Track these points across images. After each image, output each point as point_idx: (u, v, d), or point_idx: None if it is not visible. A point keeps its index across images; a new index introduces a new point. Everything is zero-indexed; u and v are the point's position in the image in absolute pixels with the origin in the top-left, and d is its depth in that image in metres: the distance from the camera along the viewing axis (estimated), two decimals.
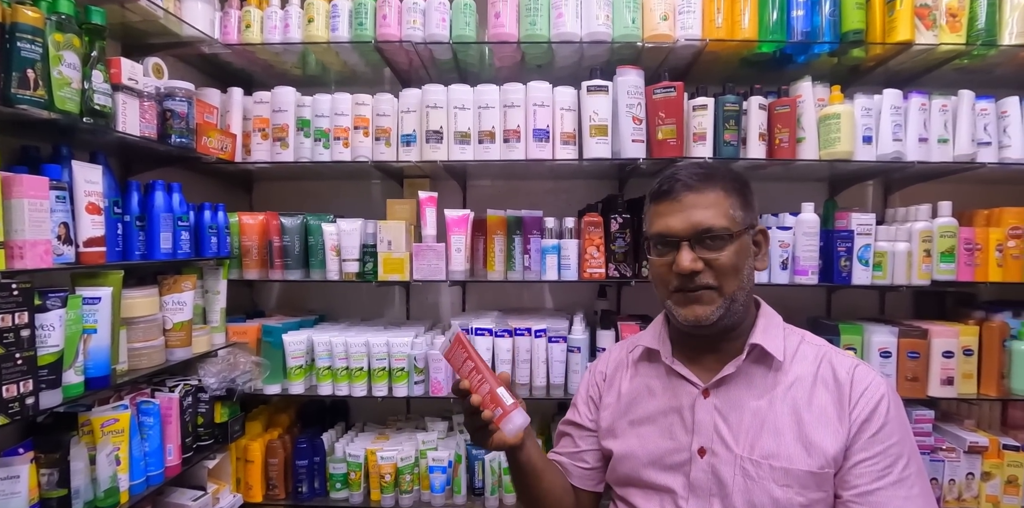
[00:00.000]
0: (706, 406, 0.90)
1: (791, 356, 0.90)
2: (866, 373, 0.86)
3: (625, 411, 0.98)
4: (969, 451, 1.63)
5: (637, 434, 0.95)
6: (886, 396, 0.83)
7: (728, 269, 0.87)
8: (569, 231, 1.64)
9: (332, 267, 1.64)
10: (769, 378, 0.88)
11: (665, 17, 1.60)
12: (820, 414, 0.84)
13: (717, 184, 0.89)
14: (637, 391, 0.98)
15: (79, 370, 1.12)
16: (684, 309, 0.89)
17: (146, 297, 1.33)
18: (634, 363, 1.01)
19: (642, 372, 0.99)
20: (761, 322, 0.92)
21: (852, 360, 0.89)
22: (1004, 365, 1.64)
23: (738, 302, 0.88)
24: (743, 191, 0.92)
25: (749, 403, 0.88)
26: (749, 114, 1.63)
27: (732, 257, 0.86)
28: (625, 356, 1.04)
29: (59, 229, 1.10)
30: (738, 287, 0.88)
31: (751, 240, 0.92)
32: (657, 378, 0.97)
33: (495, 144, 1.62)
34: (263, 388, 1.64)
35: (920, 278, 1.62)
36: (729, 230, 0.87)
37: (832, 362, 0.88)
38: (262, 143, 1.66)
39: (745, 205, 0.91)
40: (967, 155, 1.63)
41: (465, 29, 1.61)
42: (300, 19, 1.62)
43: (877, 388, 0.84)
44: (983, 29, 1.61)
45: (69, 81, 1.09)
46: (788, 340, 0.92)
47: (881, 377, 0.87)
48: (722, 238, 0.86)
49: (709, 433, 0.88)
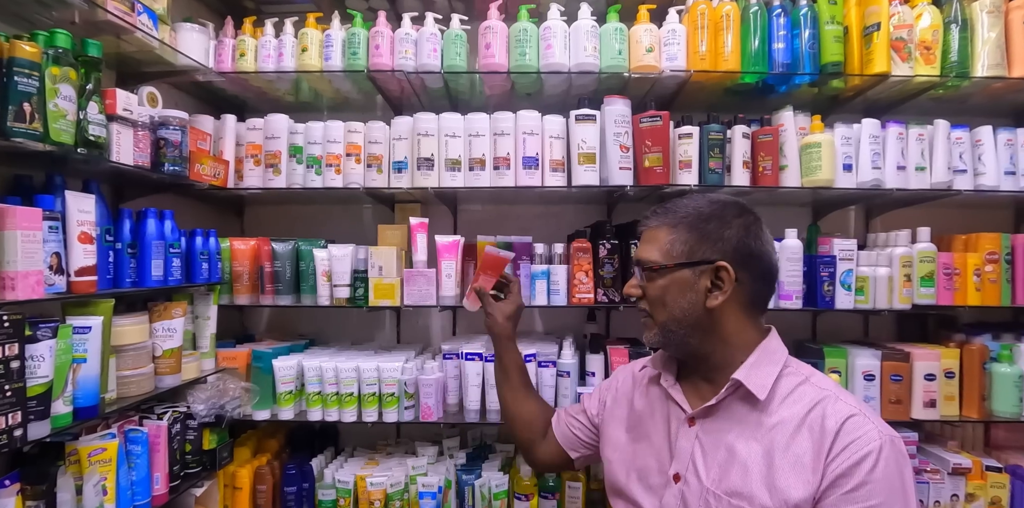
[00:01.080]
0: (689, 434, 0.92)
1: (782, 396, 0.87)
2: (860, 425, 0.79)
3: (634, 426, 1.03)
4: (953, 473, 1.65)
5: (634, 449, 1.01)
6: (874, 454, 0.76)
7: (654, 300, 0.94)
8: (558, 257, 1.67)
9: (323, 292, 1.65)
10: (752, 416, 0.87)
11: (651, 49, 1.64)
12: (794, 460, 0.80)
13: (667, 219, 0.94)
14: (642, 409, 1.03)
15: (68, 400, 1.12)
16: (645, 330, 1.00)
17: (136, 324, 1.33)
18: (646, 383, 1.06)
19: (650, 392, 1.04)
20: (753, 358, 0.90)
21: (850, 409, 0.82)
22: (985, 387, 1.67)
23: (675, 333, 0.92)
24: (700, 225, 0.91)
25: (727, 438, 0.87)
26: (733, 142, 1.67)
27: (658, 289, 0.93)
28: (639, 374, 1.10)
29: (51, 259, 1.11)
30: (668, 318, 0.92)
31: (701, 275, 0.90)
32: (659, 399, 1.01)
33: (485, 171, 1.65)
34: (252, 414, 1.63)
35: (901, 302, 1.65)
36: (657, 264, 0.92)
37: (826, 408, 0.82)
38: (255, 169, 1.68)
39: (697, 239, 0.90)
40: (944, 182, 1.68)
41: (456, 59, 1.65)
42: (294, 48, 1.65)
43: (866, 443, 0.77)
44: (956, 61, 1.67)
45: (64, 113, 1.11)
46: (785, 379, 0.88)
47: (878, 433, 0.78)
48: (651, 271, 0.93)
49: (686, 461, 0.90)
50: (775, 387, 0.87)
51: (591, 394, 1.20)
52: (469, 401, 1.64)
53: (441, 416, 1.65)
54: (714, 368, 0.93)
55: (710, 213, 0.92)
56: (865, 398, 1.65)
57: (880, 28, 1.64)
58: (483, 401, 1.66)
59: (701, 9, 1.65)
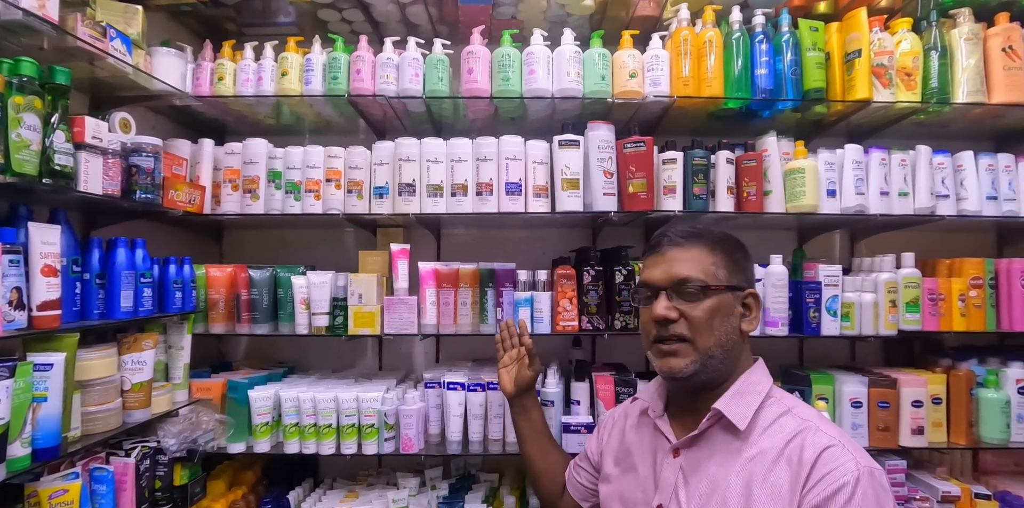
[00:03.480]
0: (673, 465, 0.92)
1: (764, 427, 0.87)
2: (836, 456, 0.79)
3: (622, 459, 1.04)
4: (942, 501, 1.63)
5: (621, 481, 1.02)
6: (849, 485, 0.76)
7: (701, 322, 0.88)
8: (541, 283, 1.64)
9: (301, 321, 1.61)
10: (734, 446, 0.87)
11: (634, 74, 1.64)
12: (772, 492, 0.80)
13: (701, 241, 0.94)
14: (631, 442, 1.04)
15: (26, 441, 1.07)
16: (660, 360, 0.93)
17: (103, 358, 1.28)
18: (637, 415, 1.07)
19: (641, 424, 1.05)
20: (735, 387, 0.91)
21: (829, 439, 0.82)
22: (972, 413, 1.66)
23: (716, 359, 0.89)
24: (731, 253, 0.95)
25: (709, 469, 0.87)
26: (717, 168, 1.67)
27: (707, 311, 0.89)
28: (631, 407, 1.12)
29: (11, 294, 1.06)
30: (714, 343, 0.89)
31: (737, 301, 0.93)
32: (648, 431, 1.02)
33: (468, 197, 1.63)
34: (227, 447, 1.58)
35: (887, 328, 1.64)
36: (705, 282, 0.90)
37: (805, 439, 0.83)
38: (232, 194, 1.65)
39: (732, 266, 0.94)
40: (927, 208, 1.68)
41: (438, 84, 1.63)
42: (274, 72, 1.63)
43: (843, 475, 0.77)
44: (936, 88, 1.68)
45: (28, 143, 1.07)
46: (767, 409, 0.89)
47: (856, 464, 0.78)
48: (698, 289, 0.89)
49: (669, 492, 0.90)
50: (756, 417, 0.88)
51: (592, 436, 1.20)
52: (451, 432, 1.60)
53: (423, 447, 1.60)
54: (710, 397, 0.92)
55: (735, 242, 0.97)
56: (853, 425, 1.63)
57: (861, 55, 1.65)
58: (465, 431, 1.61)
59: (684, 35, 1.65)
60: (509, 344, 1.40)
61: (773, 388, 0.93)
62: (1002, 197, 1.71)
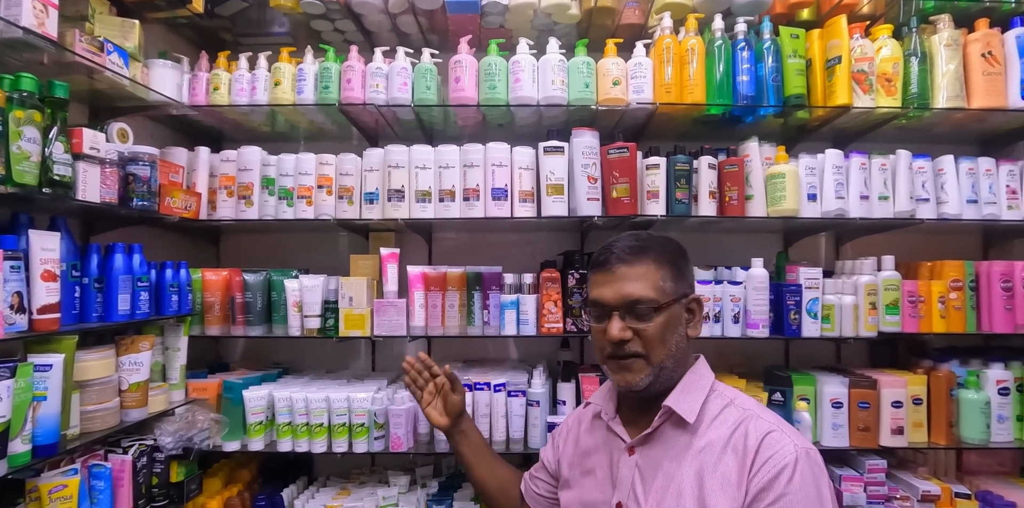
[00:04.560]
0: (629, 463, 0.96)
1: (710, 419, 0.92)
2: (776, 440, 0.85)
3: (579, 462, 1.06)
4: (922, 500, 1.65)
5: (579, 485, 1.04)
6: (790, 466, 0.81)
7: (655, 339, 0.92)
8: (527, 286, 1.68)
9: (294, 323, 1.66)
10: (683, 440, 0.91)
11: (617, 82, 1.68)
12: (722, 480, 0.85)
13: (649, 257, 0.95)
14: (587, 445, 1.06)
15: (26, 438, 1.12)
16: (616, 375, 0.96)
17: (101, 359, 1.33)
18: (590, 419, 1.09)
19: (594, 428, 1.07)
20: (682, 384, 0.95)
21: (769, 426, 0.87)
22: (952, 413, 1.68)
23: (667, 369, 0.94)
24: (676, 262, 0.97)
25: (664, 464, 0.91)
26: (699, 173, 1.70)
27: (659, 328, 0.92)
28: (584, 412, 1.13)
29: (12, 299, 1.12)
30: (666, 355, 0.93)
31: (683, 309, 0.97)
32: (602, 434, 1.04)
33: (455, 202, 1.67)
34: (222, 445, 1.63)
35: (867, 330, 1.67)
36: (657, 302, 0.92)
37: (748, 427, 0.88)
38: (228, 200, 1.70)
39: (677, 276, 0.96)
40: (907, 211, 1.71)
41: (426, 93, 1.68)
42: (267, 82, 1.68)
43: (783, 457, 0.82)
44: (916, 93, 1.71)
45: (28, 155, 1.12)
46: (711, 403, 0.94)
47: (794, 446, 0.83)
48: (650, 309, 0.92)
49: (627, 489, 0.94)
50: (703, 411, 0.93)
51: (547, 446, 1.21)
52: (438, 431, 1.64)
53: (411, 446, 1.65)
54: (653, 398, 0.96)
55: (676, 249, 0.98)
56: (833, 425, 1.66)
57: (841, 61, 1.68)
58: None
59: (667, 43, 1.69)
60: (421, 381, 1.33)
61: (715, 382, 0.98)
62: (983, 200, 1.74)
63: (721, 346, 1.99)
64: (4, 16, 1.11)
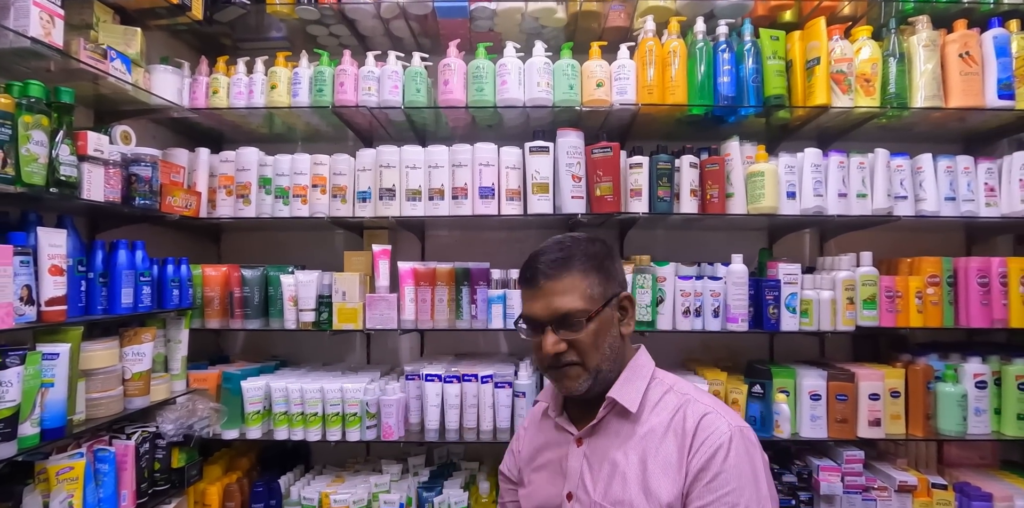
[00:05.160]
0: (577, 454, 0.98)
1: (651, 407, 0.95)
2: (712, 422, 0.88)
3: (530, 461, 1.08)
4: (899, 490, 1.70)
5: (532, 482, 1.06)
6: (724, 446, 0.85)
7: (588, 347, 0.93)
8: (514, 282, 1.74)
9: (290, 317, 1.73)
10: (626, 428, 0.95)
11: (600, 84, 1.73)
12: (664, 463, 0.89)
13: (574, 267, 0.94)
14: (538, 443, 1.08)
15: (35, 422, 1.20)
16: (557, 384, 0.99)
17: (106, 350, 1.41)
18: (540, 418, 1.12)
19: (543, 425, 1.10)
20: (623, 376, 0.98)
21: (705, 408, 0.91)
22: (930, 406, 1.72)
23: (604, 370, 0.95)
24: (602, 266, 0.96)
25: (610, 452, 0.94)
26: (681, 171, 1.75)
27: (591, 335, 0.93)
28: (535, 411, 1.15)
29: (22, 291, 1.19)
30: (600, 359, 0.94)
31: (615, 309, 0.97)
32: (552, 431, 1.06)
33: (444, 201, 1.73)
34: (221, 433, 1.71)
35: (845, 324, 1.72)
36: (588, 311, 0.92)
37: (686, 411, 0.92)
38: (227, 199, 1.78)
39: (605, 279, 0.96)
40: (884, 208, 1.75)
41: (416, 95, 1.74)
42: (264, 85, 1.76)
43: (718, 437, 0.86)
44: (894, 93, 1.75)
45: (36, 157, 1.20)
46: (652, 391, 0.97)
47: (728, 426, 0.87)
48: (581, 320, 0.92)
49: (576, 479, 0.96)
50: (644, 398, 0.96)
51: (507, 457, 1.18)
52: (429, 420, 1.71)
53: (403, 435, 1.72)
54: (596, 396, 0.97)
55: (601, 251, 0.97)
56: (812, 417, 1.71)
57: (820, 62, 1.72)
58: (442, 420, 1.72)
59: (649, 46, 1.74)
60: None
61: (656, 370, 1.01)
62: (960, 198, 1.77)
63: (707, 341, 2.05)
64: (13, 27, 1.18)
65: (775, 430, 1.70)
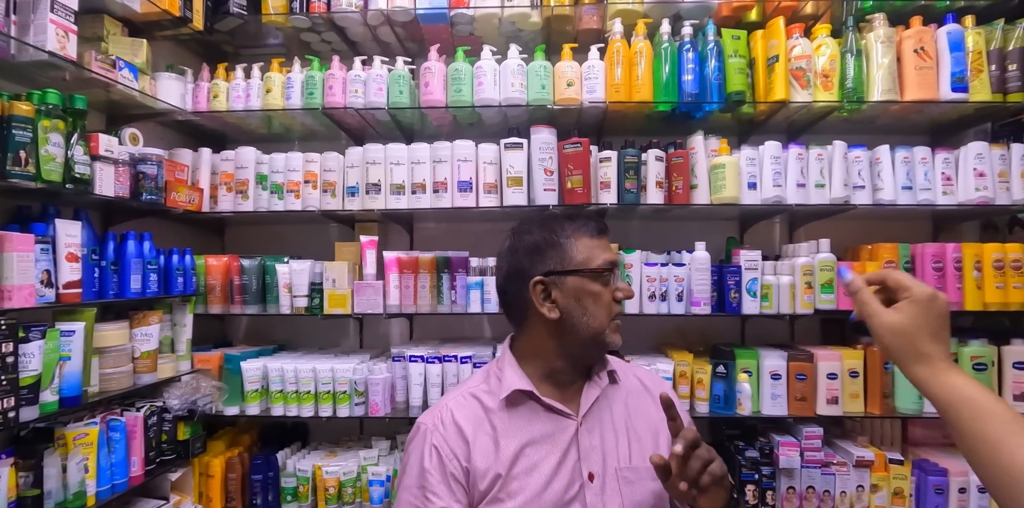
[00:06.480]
0: (584, 433, 0.98)
1: (620, 372, 1.10)
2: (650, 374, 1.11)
3: (511, 466, 0.94)
4: (857, 465, 1.79)
5: (525, 488, 0.93)
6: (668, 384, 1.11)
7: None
8: (490, 269, 1.87)
9: (284, 302, 1.88)
10: (618, 394, 1.06)
11: (571, 83, 1.85)
12: (654, 417, 1.03)
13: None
14: (518, 442, 0.95)
15: (54, 390, 1.35)
16: (615, 334, 1.01)
17: (117, 330, 1.57)
18: (502, 412, 0.97)
19: (516, 418, 0.97)
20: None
21: (637, 368, 1.11)
22: (888, 385, 1.81)
23: None
24: None
25: (612, 420, 1.02)
26: (647, 165, 1.86)
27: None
28: (481, 411, 0.98)
29: (42, 275, 1.35)
30: None
31: None
32: (534, 421, 0.97)
33: (426, 194, 1.87)
34: (223, 409, 1.86)
35: (803, 307, 1.81)
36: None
37: (633, 372, 1.10)
38: (227, 195, 1.93)
39: None
40: (841, 197, 1.84)
41: (400, 96, 1.88)
42: (260, 89, 1.91)
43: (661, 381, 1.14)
44: (852, 88, 1.84)
45: (54, 157, 1.36)
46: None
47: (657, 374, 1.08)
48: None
49: (597, 457, 0.96)
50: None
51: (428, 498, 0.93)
52: (413, 398, 1.85)
53: (388, 412, 1.85)
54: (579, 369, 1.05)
55: None
56: (772, 395, 1.80)
57: (779, 59, 1.82)
58: (425, 398, 1.86)
59: (617, 47, 1.85)
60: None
61: None
62: (918, 187, 1.85)
63: (681, 326, 2.15)
64: (32, 42, 1.34)
65: (738, 408, 1.80)
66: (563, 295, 0.97)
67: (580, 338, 0.98)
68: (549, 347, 1.01)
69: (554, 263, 0.98)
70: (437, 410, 1.02)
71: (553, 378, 1.02)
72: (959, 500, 1.75)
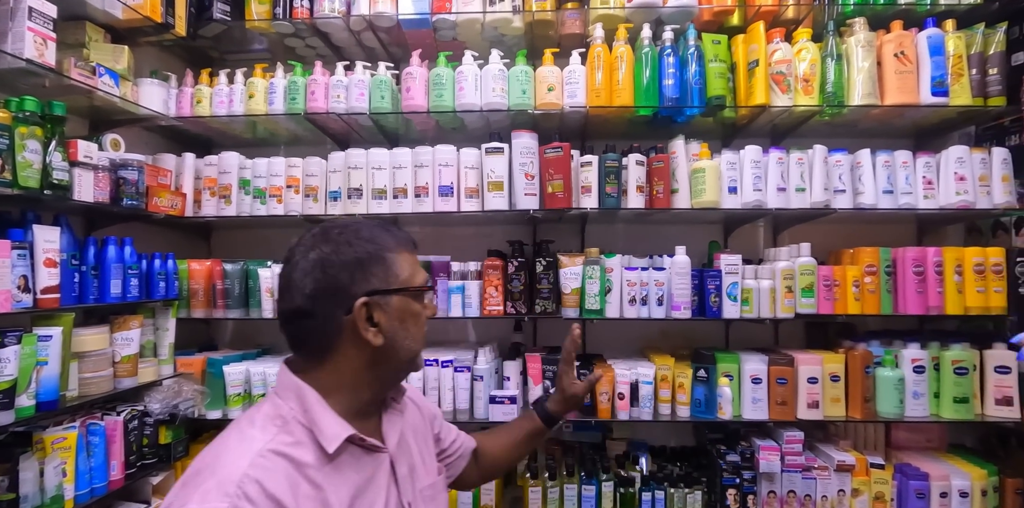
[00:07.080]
0: (398, 465, 0.90)
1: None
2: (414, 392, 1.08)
3: None
4: (838, 469, 1.78)
5: None
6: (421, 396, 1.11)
7: None
8: (471, 273, 1.88)
9: (267, 306, 1.89)
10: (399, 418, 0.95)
11: (551, 88, 1.86)
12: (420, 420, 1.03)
13: None
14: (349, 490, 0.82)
15: (31, 395, 1.36)
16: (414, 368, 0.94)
17: (97, 334, 1.58)
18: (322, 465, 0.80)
19: (339, 469, 0.82)
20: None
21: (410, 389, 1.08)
22: (869, 389, 1.81)
23: None
24: None
25: (409, 441, 0.96)
26: (628, 169, 1.86)
27: None
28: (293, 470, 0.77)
29: (19, 281, 1.36)
30: None
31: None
32: (355, 466, 0.84)
33: (408, 199, 1.88)
34: (206, 413, 1.87)
35: (784, 311, 1.81)
36: None
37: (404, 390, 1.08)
38: (211, 199, 1.94)
39: None
40: (822, 201, 1.84)
41: (382, 101, 1.89)
42: (243, 95, 1.92)
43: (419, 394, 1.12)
44: (832, 92, 1.84)
45: (31, 163, 1.37)
46: None
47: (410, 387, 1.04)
48: None
49: (406, 486, 0.90)
50: None
51: None
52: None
53: None
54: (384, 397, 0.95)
55: None
56: (753, 399, 1.80)
57: (759, 64, 1.83)
58: None
59: (598, 52, 1.86)
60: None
61: None
62: (899, 191, 1.85)
63: (666, 329, 2.16)
64: (10, 50, 1.35)
65: (718, 412, 1.80)
66: (387, 317, 0.84)
67: (400, 364, 0.88)
68: (364, 378, 0.85)
69: (379, 281, 0.83)
70: (232, 485, 0.71)
71: (362, 412, 0.88)
72: (940, 504, 1.75)
